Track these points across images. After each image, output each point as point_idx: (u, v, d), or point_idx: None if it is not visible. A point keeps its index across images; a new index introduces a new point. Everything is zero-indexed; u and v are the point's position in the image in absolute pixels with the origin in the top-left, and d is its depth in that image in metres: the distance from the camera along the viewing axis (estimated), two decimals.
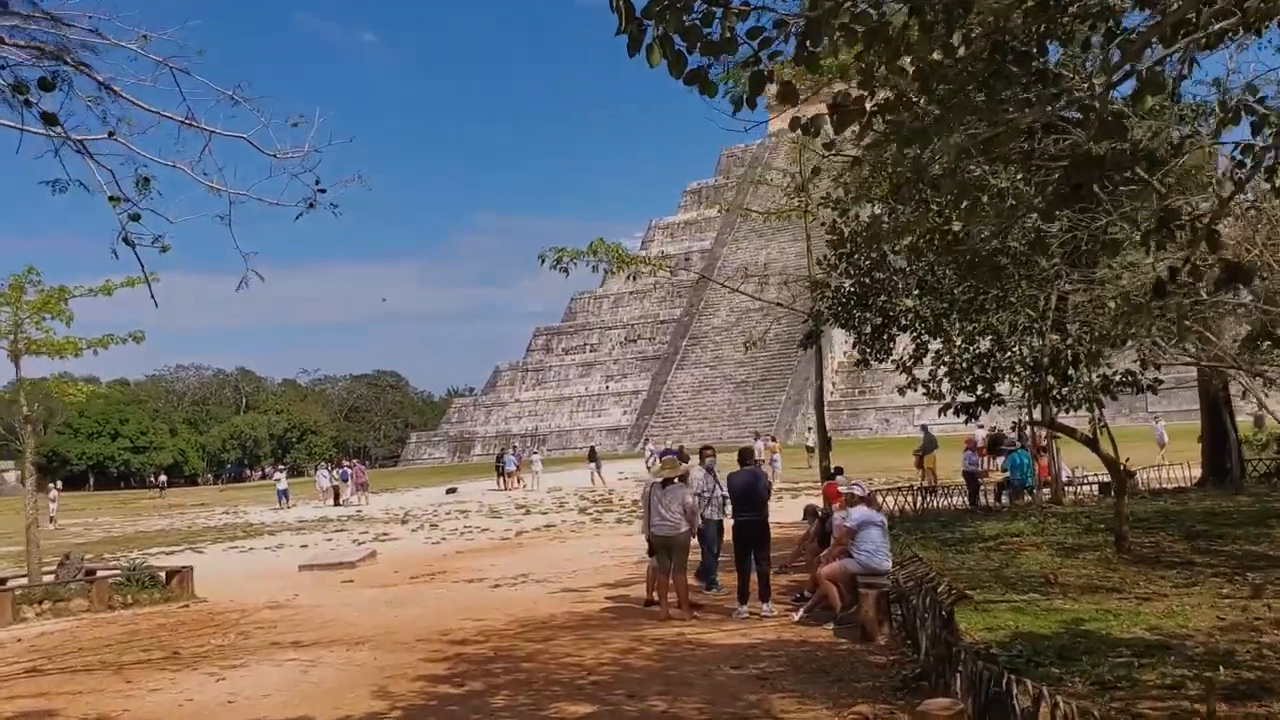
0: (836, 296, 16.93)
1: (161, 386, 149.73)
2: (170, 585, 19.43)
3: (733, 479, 14.05)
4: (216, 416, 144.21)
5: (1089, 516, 21.33)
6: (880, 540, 12.52)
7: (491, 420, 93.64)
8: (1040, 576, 14.65)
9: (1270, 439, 34.42)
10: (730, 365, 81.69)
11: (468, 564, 22.59)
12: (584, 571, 19.80)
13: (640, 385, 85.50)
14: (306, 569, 23.37)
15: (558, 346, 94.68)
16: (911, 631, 11.03)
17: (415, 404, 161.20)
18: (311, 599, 18.58)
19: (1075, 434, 16.84)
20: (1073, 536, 18.83)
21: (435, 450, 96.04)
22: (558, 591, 17.44)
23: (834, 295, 16.93)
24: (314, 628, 15.31)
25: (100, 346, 19.59)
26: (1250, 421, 34.92)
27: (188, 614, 17.48)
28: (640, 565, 20.18)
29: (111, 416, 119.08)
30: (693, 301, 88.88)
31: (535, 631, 13.65)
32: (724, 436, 74.78)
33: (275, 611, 17.27)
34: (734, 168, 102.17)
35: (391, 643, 13.53)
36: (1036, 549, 17.64)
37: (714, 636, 12.48)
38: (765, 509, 14.01)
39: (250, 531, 36.30)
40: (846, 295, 16.74)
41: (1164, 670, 9.15)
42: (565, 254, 16.81)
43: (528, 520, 33.59)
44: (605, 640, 12.66)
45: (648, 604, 15.08)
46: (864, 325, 16.71)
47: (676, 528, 13.82)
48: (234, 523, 41.87)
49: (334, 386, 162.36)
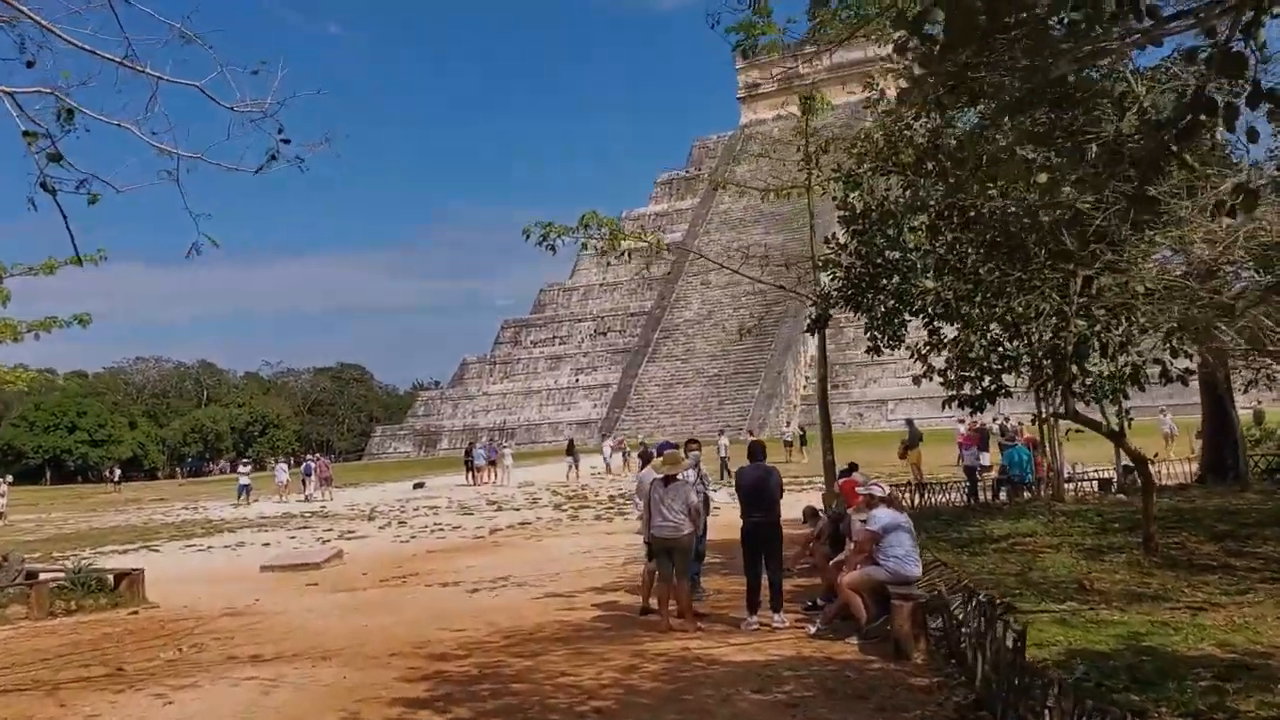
0: (847, 277, 15.62)
1: (120, 379, 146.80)
2: (119, 589, 17.91)
3: (742, 476, 12.74)
4: (177, 410, 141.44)
5: (1100, 515, 20.19)
6: (910, 545, 11.27)
7: (458, 414, 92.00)
8: (1073, 582, 13.45)
9: (1264, 434, 33.68)
10: (702, 358, 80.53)
11: (441, 565, 21.19)
12: (567, 574, 18.46)
13: (610, 378, 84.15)
14: (268, 570, 21.90)
15: (526, 339, 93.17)
16: (955, 649, 9.78)
17: (380, 398, 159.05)
18: (273, 604, 17.14)
19: (1100, 427, 15.65)
20: (1090, 537, 17.67)
21: (401, 444, 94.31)
22: (542, 597, 16.09)
23: (845, 275, 15.62)
24: (276, 638, 13.90)
25: (42, 330, 18.05)
26: (1249, 415, 34.08)
27: (137, 622, 15.98)
28: (627, 567, 18.92)
29: (69, 409, 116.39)
30: (664, 294, 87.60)
31: (523, 645, 12.30)
32: (696, 430, 73.48)
33: (233, 619, 15.82)
34: (706, 158, 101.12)
35: (362, 657, 12.14)
36: (1055, 550, 16.47)
37: (724, 652, 11.18)
38: (777, 509, 12.72)
39: (210, 529, 34.68)
40: (858, 276, 15.45)
41: (1262, 698, 7.93)
42: (553, 229, 15.44)
43: (501, 517, 32.20)
44: (603, 656, 11.33)
45: (643, 612, 13.77)
46: (876, 308, 15.43)
47: (679, 529, 12.51)
48: (193, 519, 40.18)
49: (297, 379, 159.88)
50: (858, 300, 15.62)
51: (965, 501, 24.89)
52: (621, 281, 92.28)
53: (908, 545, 11.22)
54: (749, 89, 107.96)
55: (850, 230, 15.26)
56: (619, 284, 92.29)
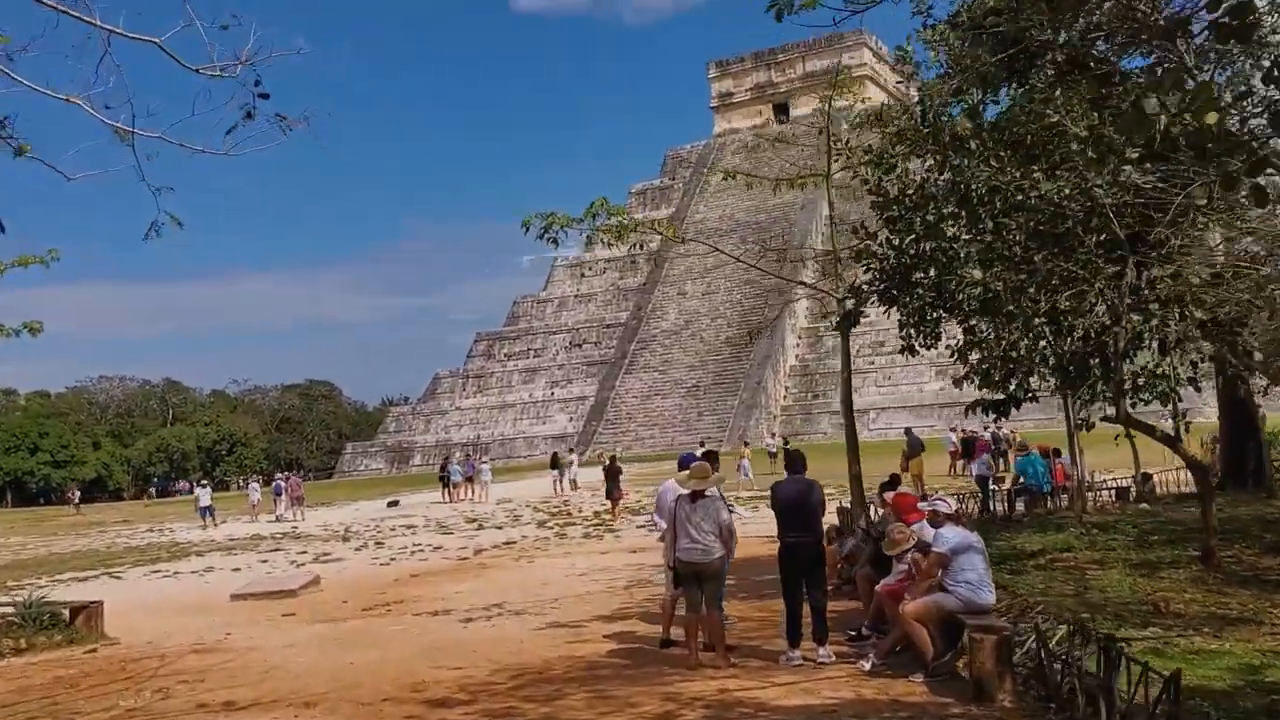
0: (882, 269, 14.22)
1: (84, 398, 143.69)
2: (75, 624, 16.28)
3: (780, 490, 11.31)
4: (142, 429, 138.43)
5: (1133, 526, 18.92)
6: (984, 568, 9.90)
7: (431, 429, 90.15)
8: (1142, 604, 12.11)
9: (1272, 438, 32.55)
10: (680, 369, 79.16)
11: (427, 591, 19.65)
12: (567, 600, 16.97)
13: (587, 391, 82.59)
14: (240, 598, 20.30)
15: (500, 352, 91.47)
16: (1053, 690, 8.38)
17: (349, 414, 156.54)
18: (247, 638, 15.56)
19: (1155, 432, 14.35)
20: (1133, 551, 16.35)
21: (372, 461, 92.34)
22: (544, 627, 14.61)
23: (880, 267, 14.22)
24: (252, 680, 12.36)
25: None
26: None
27: (94, 663, 14.36)
28: (631, 591, 17.48)
29: (30, 430, 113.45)
30: (640, 305, 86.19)
31: (533, 687, 10.83)
32: (675, 443, 72.13)
33: (203, 657, 14.25)
34: (679, 169, 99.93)
35: (351, 704, 10.64)
36: (1100, 567, 15.13)
37: (771, 695, 9.73)
38: (820, 528, 11.33)
39: (176, 552, 32.94)
40: (892, 268, 14.06)
41: None
42: (555, 220, 14.00)
43: (483, 536, 30.66)
44: (629, 701, 9.87)
45: (664, 644, 12.33)
46: (913, 303, 14.05)
47: (710, 552, 11.06)
48: (158, 542, 38.36)
49: (265, 397, 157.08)
50: (892, 295, 14.24)
51: (979, 513, 23.57)
52: (596, 293, 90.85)
53: (981, 569, 9.85)
54: (722, 98, 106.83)
55: (884, 217, 13.91)
56: (594, 295, 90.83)
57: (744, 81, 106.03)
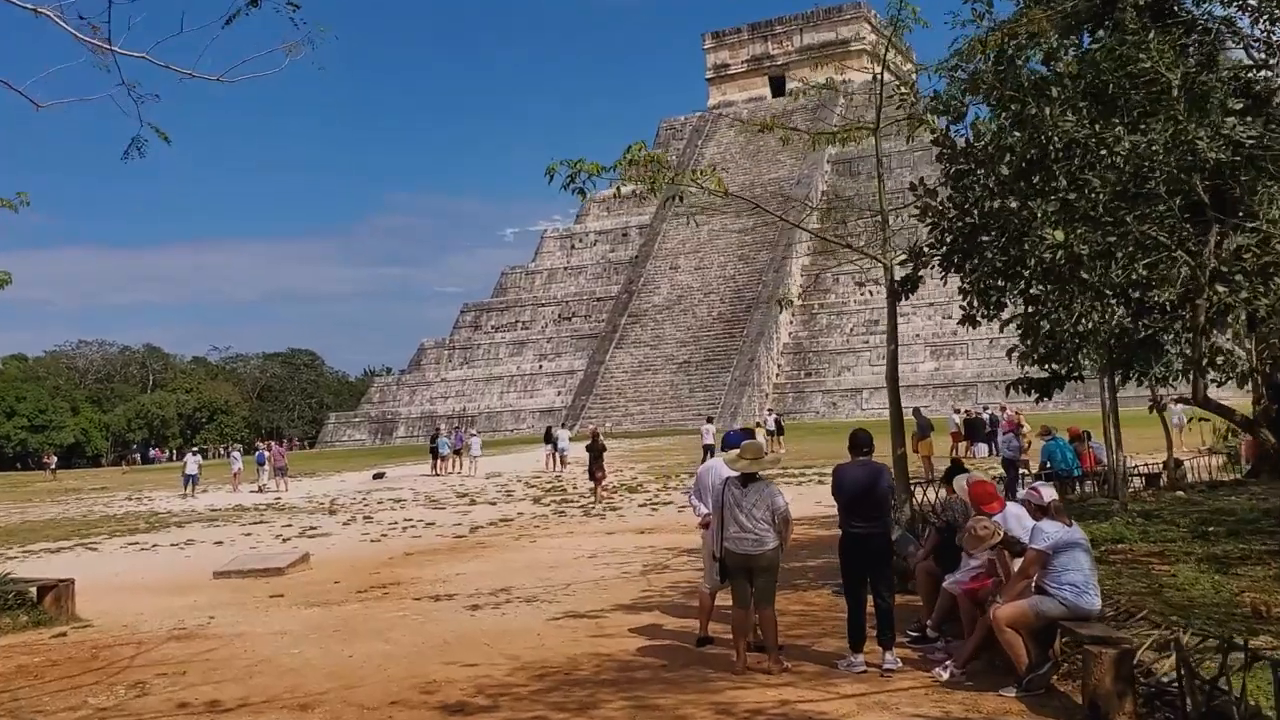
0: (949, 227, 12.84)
1: (62, 363, 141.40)
2: (43, 604, 14.90)
3: (843, 474, 9.99)
4: (122, 395, 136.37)
5: (1183, 515, 17.69)
6: (1090, 568, 8.66)
7: (416, 400, 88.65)
8: (1236, 605, 10.88)
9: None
10: (671, 345, 77.81)
11: (425, 572, 18.34)
12: (581, 586, 15.68)
13: (576, 365, 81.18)
14: (223, 576, 18.94)
15: (487, 324, 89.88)
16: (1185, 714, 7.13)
17: (331, 384, 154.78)
18: (232, 623, 14.22)
19: (1234, 415, 13.13)
20: (1198, 544, 15.07)
21: (355, 432, 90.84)
22: (560, 617, 13.32)
23: (948, 226, 12.85)
24: (238, 674, 11.05)
25: None
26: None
27: (63, 649, 12.98)
28: (650, 578, 16.22)
29: (6, 394, 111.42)
30: (632, 278, 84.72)
31: (561, 690, 9.55)
32: (666, 419, 71.06)
33: (184, 644, 12.91)
34: (673, 139, 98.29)
35: (354, 709, 9.35)
36: (1162, 560, 13.90)
37: (842, 709, 8.46)
38: (888, 517, 10.07)
39: (155, 523, 31.51)
40: (959, 229, 12.72)
41: None
42: (583, 166, 12.64)
43: (476, 512, 29.35)
44: (678, 713, 8.61)
45: (701, 642, 11.07)
46: (981, 268, 12.71)
47: (762, 542, 9.77)
48: (137, 511, 36.90)
49: (246, 365, 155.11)
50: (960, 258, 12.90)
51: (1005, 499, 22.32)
52: (587, 265, 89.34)
53: (1087, 569, 8.61)
54: (717, 70, 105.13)
55: (950, 171, 12.58)
56: (584, 268, 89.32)
57: (739, 54, 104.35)
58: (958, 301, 14.53)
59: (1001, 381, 67.12)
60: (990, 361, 67.92)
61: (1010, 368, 65.55)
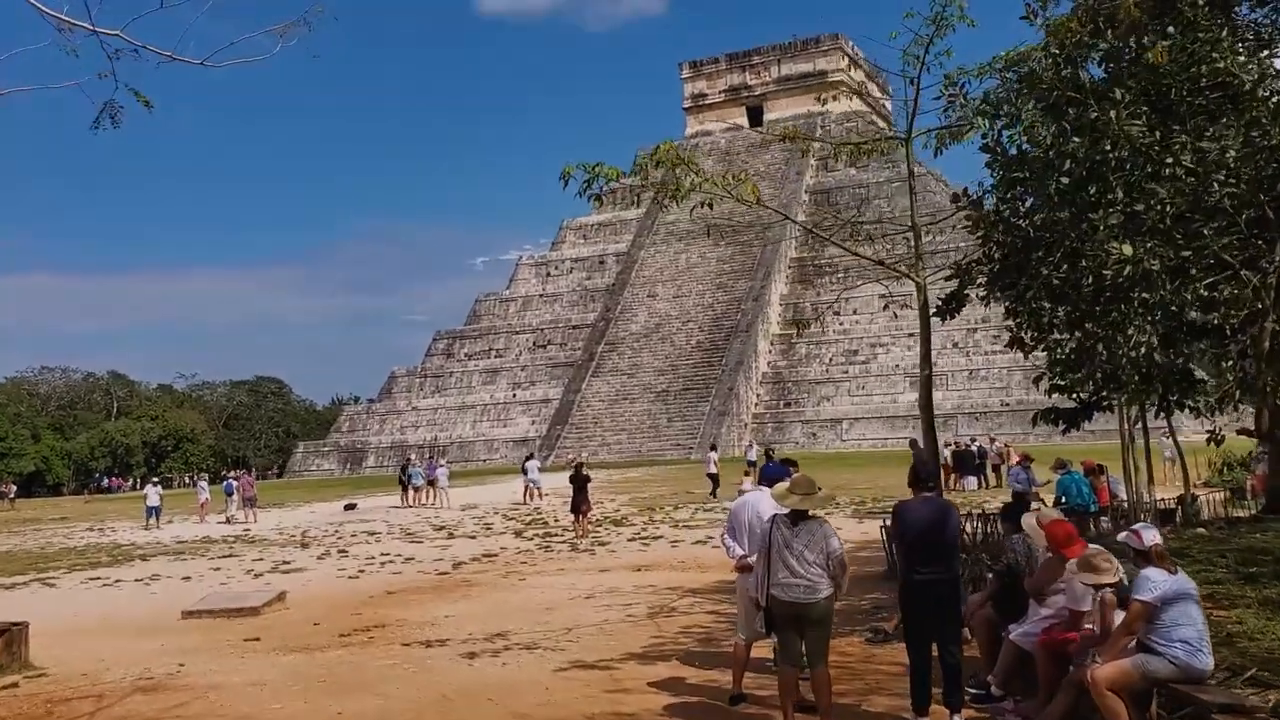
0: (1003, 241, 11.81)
1: (24, 389, 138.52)
2: None
3: (907, 513, 8.89)
4: (85, 422, 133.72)
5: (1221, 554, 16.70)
6: (1203, 624, 7.59)
7: (386, 429, 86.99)
8: None
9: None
10: (649, 374, 76.67)
11: (411, 613, 17.07)
12: (584, 631, 14.47)
13: (551, 393, 79.85)
14: (193, 616, 17.61)
15: (460, 351, 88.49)
16: None
17: (298, 412, 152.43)
18: (204, 672, 12.92)
19: None
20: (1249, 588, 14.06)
21: (324, 461, 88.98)
22: (568, 668, 12.12)
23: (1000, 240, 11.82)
24: None
25: None
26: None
27: (14, 703, 11.66)
28: (659, 622, 15.02)
29: None
30: (609, 306, 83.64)
31: None
32: (644, 450, 69.84)
33: (150, 697, 11.63)
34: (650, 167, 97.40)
35: None
36: (1215, 605, 12.88)
37: None
38: (957, 561, 8.98)
39: (118, 556, 29.99)
40: (1009, 243, 11.70)
41: None
42: (600, 171, 11.57)
43: (457, 546, 28.03)
44: None
45: (735, 700, 9.92)
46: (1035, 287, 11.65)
47: (815, 590, 8.63)
48: (99, 543, 35.29)
49: (213, 393, 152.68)
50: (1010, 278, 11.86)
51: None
52: (563, 293, 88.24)
53: (1200, 624, 7.55)
54: (695, 99, 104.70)
55: (1004, 180, 11.57)
56: (560, 295, 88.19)
57: (717, 83, 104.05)
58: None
59: (982, 413, 66.32)
60: (970, 393, 67.13)
61: (989, 399, 65.21)
